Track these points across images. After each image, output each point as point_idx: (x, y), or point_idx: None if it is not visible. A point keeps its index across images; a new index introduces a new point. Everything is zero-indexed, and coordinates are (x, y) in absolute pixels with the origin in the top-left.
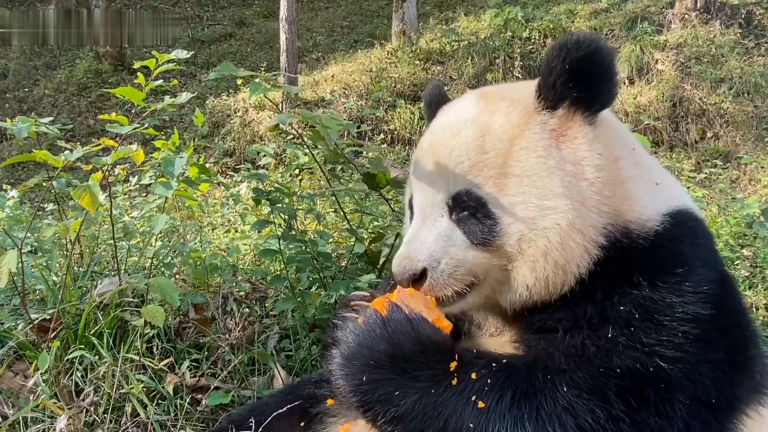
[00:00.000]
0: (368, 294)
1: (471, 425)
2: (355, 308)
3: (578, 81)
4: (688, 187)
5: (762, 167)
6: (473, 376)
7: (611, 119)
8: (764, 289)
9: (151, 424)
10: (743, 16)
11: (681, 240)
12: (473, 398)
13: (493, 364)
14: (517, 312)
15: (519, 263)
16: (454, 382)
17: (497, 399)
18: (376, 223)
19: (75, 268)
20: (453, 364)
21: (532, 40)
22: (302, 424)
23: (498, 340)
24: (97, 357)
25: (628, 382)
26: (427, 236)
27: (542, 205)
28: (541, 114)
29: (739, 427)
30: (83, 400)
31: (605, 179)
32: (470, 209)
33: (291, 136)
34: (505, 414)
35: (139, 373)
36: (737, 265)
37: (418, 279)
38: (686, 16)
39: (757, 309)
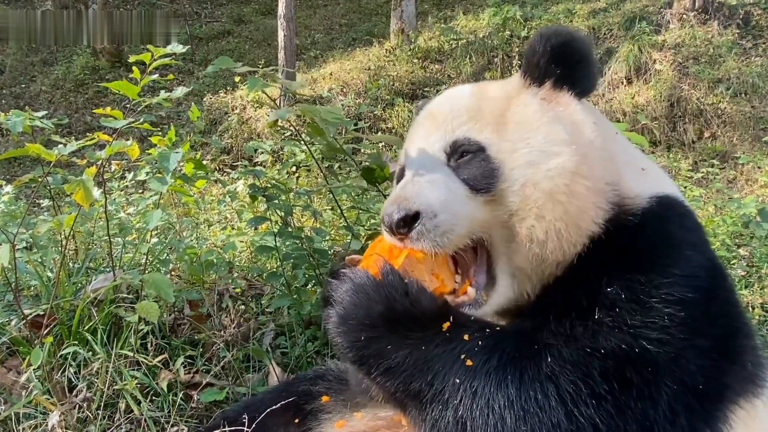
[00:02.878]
0: (359, 258)
1: (457, 380)
2: (350, 265)
3: (560, 62)
4: (685, 187)
5: (759, 167)
6: (465, 337)
7: (592, 107)
8: (761, 288)
9: (145, 420)
10: (741, 16)
11: (670, 223)
12: (462, 356)
13: (487, 329)
14: (536, 288)
15: (524, 213)
16: (445, 340)
17: (485, 359)
18: (373, 221)
19: (69, 264)
20: (446, 325)
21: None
22: (297, 420)
23: None
24: (90, 353)
25: (612, 363)
26: (423, 181)
27: (546, 149)
28: (530, 88)
29: (729, 416)
30: (76, 396)
31: (602, 142)
32: (469, 153)
33: (289, 133)
34: (491, 373)
35: (133, 370)
36: (734, 264)
37: (407, 224)
38: (684, 16)
39: (754, 308)
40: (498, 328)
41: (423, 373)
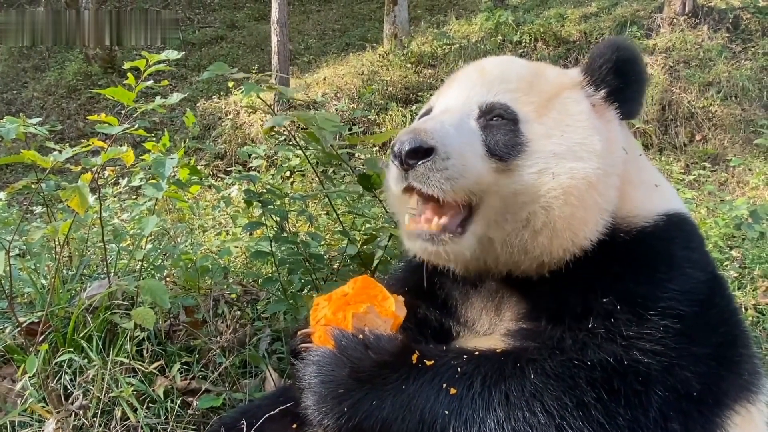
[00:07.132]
0: (309, 330)
1: (446, 412)
2: (305, 339)
3: (618, 75)
4: (678, 189)
5: (750, 169)
6: (441, 365)
7: (627, 131)
8: (753, 290)
9: (141, 427)
10: (730, 20)
11: (674, 241)
12: (444, 386)
13: (464, 355)
14: (504, 276)
15: (532, 197)
16: (421, 372)
17: (468, 385)
18: (368, 225)
19: (64, 270)
20: (414, 357)
21: (523, 44)
22: (295, 426)
23: (489, 339)
24: (86, 360)
25: (599, 373)
26: (447, 122)
27: (577, 150)
28: (584, 88)
29: (726, 422)
30: (72, 403)
31: (624, 167)
32: (502, 120)
33: (283, 138)
34: (476, 399)
35: (129, 377)
36: (726, 266)
37: (417, 157)
38: (675, 20)
39: (746, 309)
40: (477, 353)
41: (412, 411)
